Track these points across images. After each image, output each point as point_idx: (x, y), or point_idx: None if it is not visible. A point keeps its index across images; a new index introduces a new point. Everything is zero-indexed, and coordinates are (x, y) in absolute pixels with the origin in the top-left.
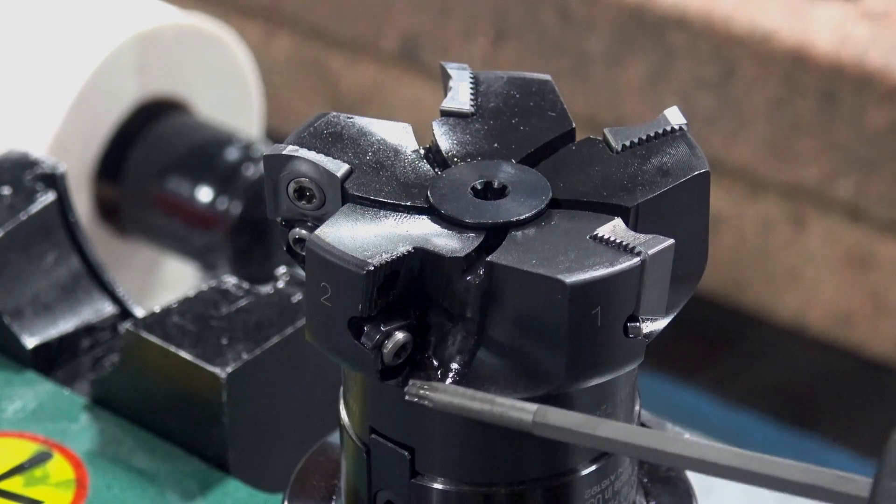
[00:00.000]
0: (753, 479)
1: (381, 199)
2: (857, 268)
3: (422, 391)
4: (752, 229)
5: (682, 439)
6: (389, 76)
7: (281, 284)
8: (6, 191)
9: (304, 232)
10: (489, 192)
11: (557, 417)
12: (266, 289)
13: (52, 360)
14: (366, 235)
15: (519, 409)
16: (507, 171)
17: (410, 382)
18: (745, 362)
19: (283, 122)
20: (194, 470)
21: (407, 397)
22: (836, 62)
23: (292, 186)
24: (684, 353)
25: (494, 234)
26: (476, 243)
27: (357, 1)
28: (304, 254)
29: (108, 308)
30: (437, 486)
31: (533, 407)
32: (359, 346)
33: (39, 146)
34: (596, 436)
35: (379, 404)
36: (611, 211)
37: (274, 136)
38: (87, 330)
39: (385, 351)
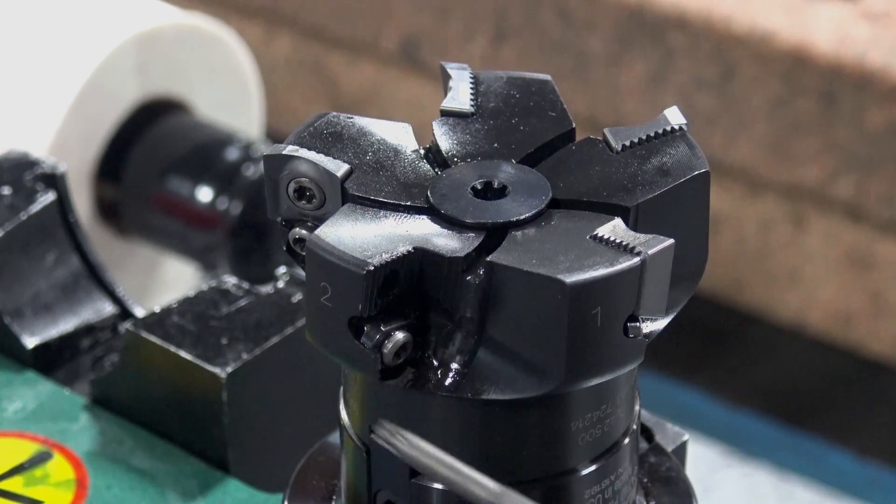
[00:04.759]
0: None
1: (381, 199)
2: (857, 268)
3: (392, 439)
4: (752, 229)
5: None
6: (389, 76)
7: (281, 284)
8: (6, 191)
9: (304, 232)
10: (489, 192)
11: None
12: (266, 289)
13: (52, 360)
14: (366, 235)
15: (482, 487)
16: (506, 171)
17: (383, 425)
18: (745, 362)
19: (283, 122)
20: (194, 470)
21: (373, 436)
22: (836, 62)
23: (292, 186)
24: (684, 353)
25: (494, 234)
26: (476, 243)
27: (357, 1)
28: (304, 254)
29: (108, 308)
30: (437, 485)
31: (498, 489)
32: (359, 346)
33: (39, 146)
34: None
35: (379, 404)
36: (611, 211)
37: (274, 136)
38: (87, 330)
39: (385, 351)
